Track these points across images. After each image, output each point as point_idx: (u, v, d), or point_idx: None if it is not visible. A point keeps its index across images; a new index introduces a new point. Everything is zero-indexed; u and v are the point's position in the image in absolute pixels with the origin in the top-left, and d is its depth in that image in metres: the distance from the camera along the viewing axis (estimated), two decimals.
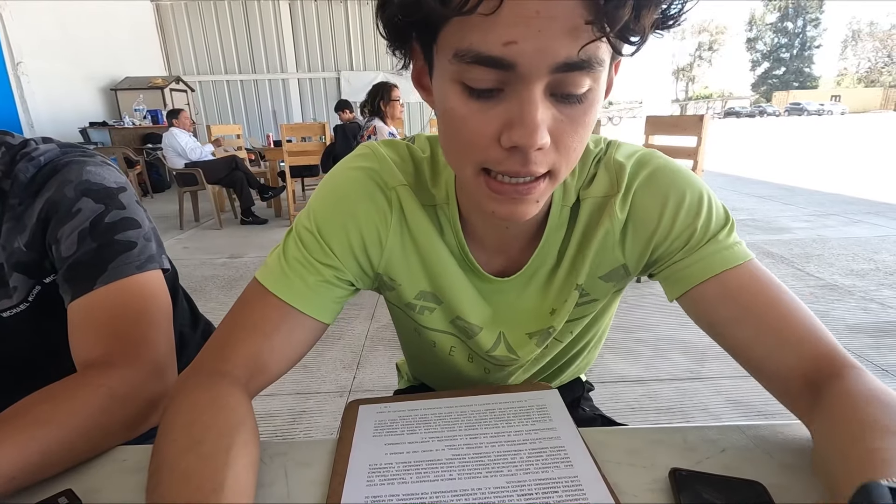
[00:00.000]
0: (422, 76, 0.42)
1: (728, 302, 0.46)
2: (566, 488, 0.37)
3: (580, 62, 0.33)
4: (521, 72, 0.33)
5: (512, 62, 0.32)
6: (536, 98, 0.34)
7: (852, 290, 2.54)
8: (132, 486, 0.41)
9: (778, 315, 0.44)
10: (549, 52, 0.32)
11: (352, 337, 2.22)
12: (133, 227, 0.58)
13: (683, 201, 0.47)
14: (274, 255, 0.50)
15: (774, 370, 0.44)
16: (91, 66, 6.95)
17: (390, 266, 0.52)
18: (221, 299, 2.75)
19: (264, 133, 8.35)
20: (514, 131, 0.35)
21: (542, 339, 0.56)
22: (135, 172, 6.25)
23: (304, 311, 0.47)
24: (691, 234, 0.47)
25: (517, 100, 0.34)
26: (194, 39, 8.83)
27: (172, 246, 4.03)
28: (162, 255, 0.61)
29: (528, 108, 0.34)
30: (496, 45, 0.32)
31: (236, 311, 0.48)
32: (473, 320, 0.55)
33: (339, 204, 0.49)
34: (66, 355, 0.53)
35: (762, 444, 0.43)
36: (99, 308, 0.53)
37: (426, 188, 0.51)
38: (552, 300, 0.54)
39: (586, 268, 0.51)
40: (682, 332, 2.15)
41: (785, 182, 6.27)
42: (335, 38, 9.07)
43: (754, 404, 1.62)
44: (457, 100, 0.36)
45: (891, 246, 3.29)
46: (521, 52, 0.32)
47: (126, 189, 0.60)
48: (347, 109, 5.20)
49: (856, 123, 23.89)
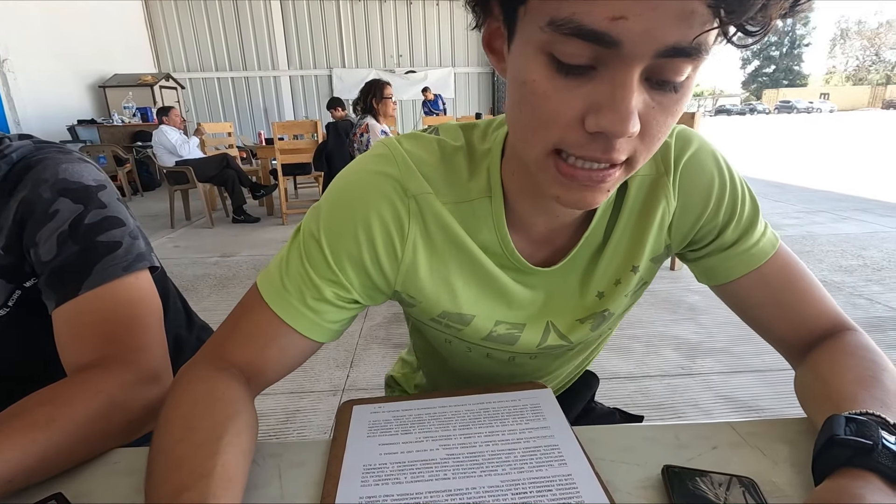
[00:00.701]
0: (495, 38, 0.38)
1: (763, 288, 0.50)
2: (560, 487, 0.38)
3: (689, 49, 0.29)
4: (624, 52, 0.29)
5: (616, 40, 0.29)
6: (633, 82, 0.31)
7: (841, 286, 2.57)
8: (124, 488, 0.41)
9: (800, 296, 0.50)
10: (659, 34, 0.28)
11: (345, 336, 2.21)
12: (116, 225, 0.55)
13: (726, 185, 0.48)
14: (277, 260, 0.47)
15: (789, 339, 0.51)
16: (79, 63, 6.87)
17: (409, 283, 0.48)
18: (214, 298, 2.73)
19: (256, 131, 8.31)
20: (603, 116, 0.31)
21: (596, 323, 0.54)
22: (124, 171, 6.19)
23: (299, 331, 0.45)
24: (731, 219, 0.49)
25: (611, 82, 0.31)
26: (184, 36, 8.75)
27: (163, 245, 4.00)
28: (151, 254, 0.59)
29: (622, 94, 0.31)
30: (602, 19, 0.28)
31: (237, 314, 0.47)
32: (518, 319, 0.52)
33: (350, 211, 0.45)
34: (56, 361, 0.52)
35: (753, 441, 0.44)
36: (87, 313, 0.51)
37: (460, 182, 0.47)
38: (599, 283, 0.51)
39: (646, 251, 0.50)
40: (674, 329, 2.17)
41: (775, 179, 6.33)
42: (327, 34, 9.02)
43: (744, 399, 1.64)
44: (541, 72, 0.32)
45: (878, 242, 3.34)
46: (629, 30, 0.28)
47: (106, 187, 0.57)
48: (339, 107, 5.17)
49: (844, 121, 24.15)
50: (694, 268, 0.54)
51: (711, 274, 0.52)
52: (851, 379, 0.42)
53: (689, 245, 0.52)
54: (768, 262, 0.49)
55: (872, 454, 0.32)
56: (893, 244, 3.28)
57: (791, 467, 0.40)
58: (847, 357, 0.45)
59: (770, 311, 0.50)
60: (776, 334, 0.52)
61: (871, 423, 0.34)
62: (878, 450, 0.32)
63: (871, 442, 0.33)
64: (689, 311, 2.31)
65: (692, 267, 0.54)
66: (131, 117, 7.02)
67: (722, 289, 0.52)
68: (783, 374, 1.69)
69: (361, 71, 9.13)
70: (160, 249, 3.84)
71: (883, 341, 1.98)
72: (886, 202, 4.62)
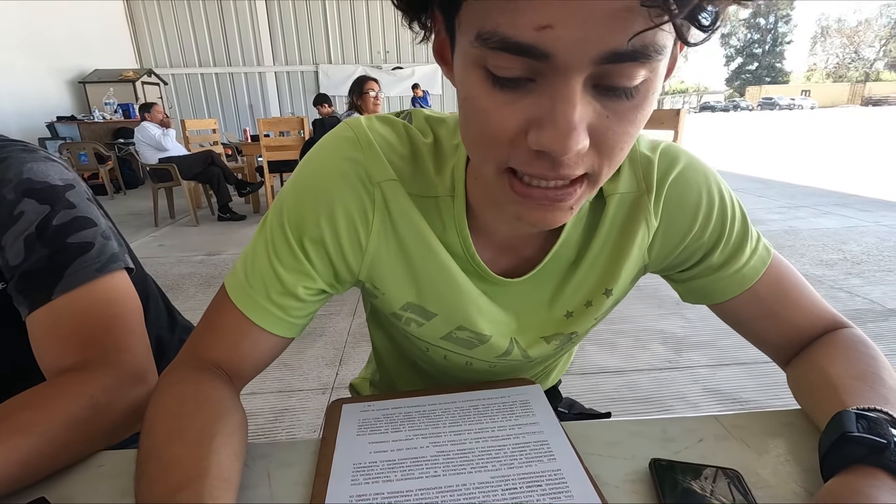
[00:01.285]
0: (443, 49, 0.36)
1: (756, 304, 0.49)
2: (549, 482, 0.38)
3: (632, 52, 0.26)
4: (558, 63, 0.27)
5: (546, 52, 0.26)
6: (575, 94, 0.28)
7: (822, 280, 2.63)
8: (108, 491, 0.40)
9: (794, 305, 0.49)
10: (593, 41, 0.26)
11: (334, 333, 2.20)
12: (87, 226, 0.53)
13: (714, 204, 0.46)
14: (242, 258, 0.46)
15: (784, 347, 0.51)
16: (57, 58, 6.71)
17: (374, 272, 0.47)
18: (200, 297, 2.70)
19: (241, 127, 8.21)
20: (543, 133, 0.29)
21: (560, 343, 0.52)
22: (106, 168, 6.07)
23: (266, 329, 0.45)
24: (719, 240, 0.47)
25: (550, 95, 0.28)
26: (166, 31, 8.60)
27: (147, 244, 3.93)
28: (125, 255, 0.57)
29: (563, 108, 0.28)
30: (527, 30, 0.26)
31: (209, 313, 0.47)
32: (480, 329, 0.49)
33: (314, 200, 0.43)
34: (36, 367, 0.51)
35: (738, 433, 0.44)
36: (63, 317, 0.50)
37: (426, 176, 0.45)
38: (569, 303, 0.49)
39: (622, 274, 0.47)
40: (661, 323, 2.19)
41: (758, 175, 6.43)
42: (313, 30, 8.93)
43: (729, 392, 1.67)
44: (479, 88, 0.30)
45: (858, 236, 3.41)
46: (558, 40, 0.26)
47: (74, 186, 0.55)
48: (326, 103, 5.13)
49: (825, 117, 24.60)
50: (681, 288, 0.52)
51: (702, 294, 0.50)
52: (855, 374, 0.41)
53: (673, 267, 0.50)
54: (760, 280, 0.48)
55: (886, 452, 0.32)
56: (872, 238, 3.35)
57: (775, 458, 0.41)
58: (847, 351, 0.45)
59: (765, 324, 0.50)
60: (771, 344, 0.52)
61: (883, 420, 0.34)
62: (891, 448, 0.32)
63: (886, 440, 0.33)
64: (675, 305, 2.34)
65: (678, 287, 0.53)
66: (113, 114, 6.88)
67: (715, 307, 0.51)
68: (767, 366, 1.72)
69: (348, 67, 9.06)
70: (144, 248, 3.78)
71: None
72: (865, 197, 4.72)
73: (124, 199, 6.18)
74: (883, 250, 3.08)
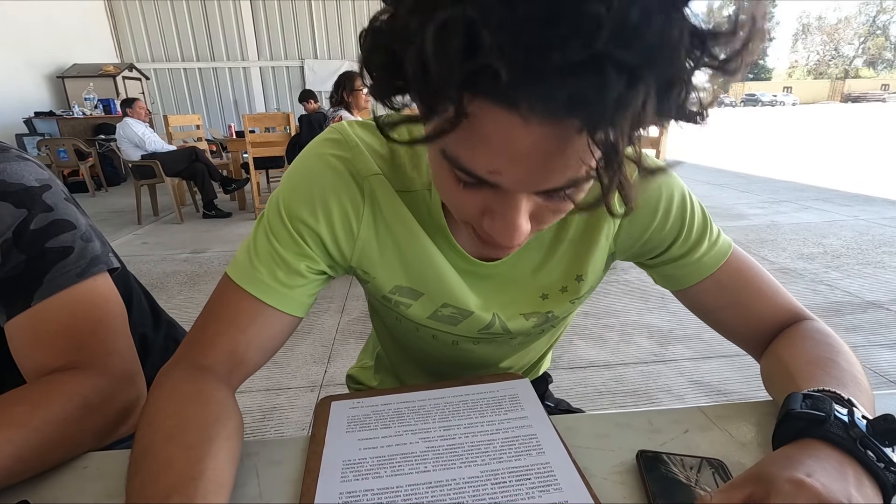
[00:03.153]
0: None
1: (719, 292, 0.53)
2: (538, 475, 0.38)
3: (567, 184, 0.32)
4: (505, 190, 0.33)
5: (496, 184, 0.32)
6: (520, 207, 0.33)
7: (803, 273, 2.68)
8: (93, 493, 0.40)
9: (756, 296, 0.53)
10: (533, 183, 0.31)
11: (322, 331, 2.19)
12: (66, 229, 0.51)
13: (673, 200, 0.50)
14: (244, 248, 0.48)
15: (750, 337, 0.54)
16: (34, 52, 6.53)
17: (364, 259, 0.51)
18: (185, 296, 2.66)
19: (225, 123, 8.07)
20: (494, 224, 0.35)
21: (539, 321, 0.56)
22: (87, 165, 5.95)
23: (276, 307, 0.46)
24: (679, 234, 0.51)
25: (501, 200, 0.34)
26: (147, 24, 8.42)
27: (130, 242, 3.87)
28: (108, 254, 0.55)
29: (511, 213, 0.34)
30: (482, 170, 0.31)
31: (211, 306, 0.47)
32: (463, 304, 0.53)
33: (309, 193, 0.47)
34: (15, 374, 0.49)
35: (721, 424, 0.45)
36: (46, 322, 0.48)
37: (404, 173, 0.49)
38: (543, 286, 0.54)
39: (591, 261, 0.52)
40: (647, 317, 2.22)
41: (741, 170, 6.53)
42: (298, 24, 8.82)
43: (713, 384, 1.70)
44: (445, 177, 0.35)
45: (837, 230, 3.49)
46: (506, 180, 0.31)
47: (51, 186, 0.53)
48: (312, 99, 5.06)
49: (806, 114, 25.03)
50: (651, 273, 0.57)
51: (669, 280, 0.55)
52: (809, 360, 0.44)
53: (639, 255, 0.55)
54: (721, 269, 0.52)
55: (825, 425, 0.34)
56: (851, 232, 3.43)
57: (757, 447, 0.42)
58: (804, 341, 0.48)
59: (729, 314, 0.53)
60: (738, 334, 0.55)
61: (826, 398, 0.37)
62: (830, 420, 0.34)
63: (824, 414, 0.35)
64: (661, 300, 2.37)
65: (650, 272, 0.57)
66: (93, 109, 6.72)
67: (681, 294, 0.55)
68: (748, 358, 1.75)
69: (334, 62, 8.96)
70: (127, 246, 3.72)
71: (842, 325, 2.08)
72: (845, 192, 4.82)
73: (106, 197, 6.06)
74: (861, 244, 3.16)
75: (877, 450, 0.33)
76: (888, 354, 1.85)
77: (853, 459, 0.32)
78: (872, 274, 2.63)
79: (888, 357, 1.83)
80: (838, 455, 0.33)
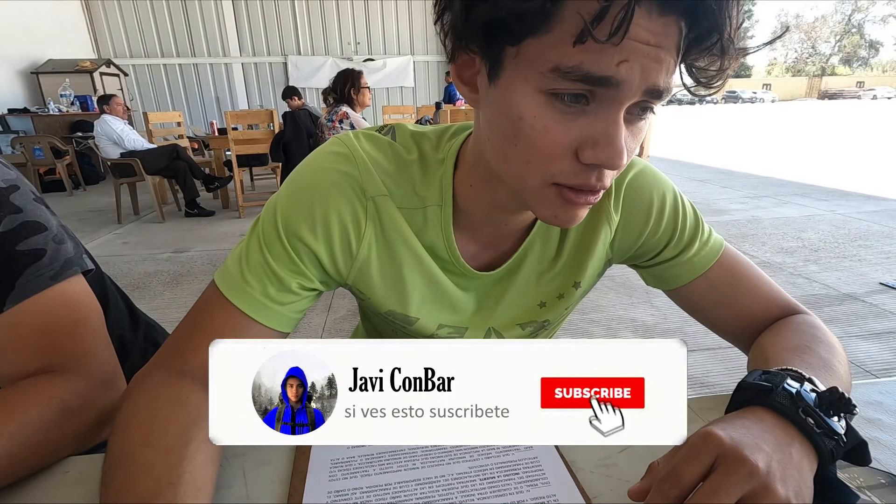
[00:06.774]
0: (467, 72, 0.40)
1: (711, 291, 0.53)
2: (526, 469, 0.39)
3: (664, 89, 0.34)
4: (620, 91, 0.33)
5: (618, 80, 0.32)
6: (621, 119, 0.35)
7: (783, 267, 2.74)
8: (75, 498, 0.39)
9: (748, 293, 0.53)
10: (651, 75, 0.33)
11: (308, 329, 2.17)
12: (37, 231, 0.50)
13: (666, 203, 0.51)
14: (235, 255, 0.47)
15: (743, 334, 0.54)
16: (6, 47, 6.34)
17: (360, 279, 0.50)
18: (168, 296, 2.62)
19: (207, 120, 7.95)
20: (600, 150, 0.35)
21: (534, 329, 0.57)
22: (64, 163, 5.80)
23: (264, 324, 0.45)
24: (673, 235, 0.52)
25: (605, 119, 0.34)
26: (125, 19, 8.23)
27: (110, 241, 3.79)
28: (82, 256, 0.54)
29: (615, 130, 0.34)
30: (609, 66, 0.32)
31: (195, 313, 0.46)
32: (461, 324, 0.54)
33: (310, 208, 0.45)
34: None
35: (705, 415, 0.46)
36: (21, 325, 0.47)
37: (413, 192, 0.48)
38: (542, 294, 0.54)
39: (587, 267, 0.53)
40: (632, 312, 2.25)
41: (722, 166, 6.64)
42: (280, 19, 8.71)
43: (697, 377, 1.73)
44: (538, 109, 0.35)
45: (815, 225, 3.57)
46: (630, 71, 0.32)
47: (19, 187, 0.51)
48: (296, 96, 5.02)
49: (785, 110, 25.54)
50: (643, 274, 0.57)
51: (661, 280, 0.55)
52: (787, 347, 0.45)
53: (634, 258, 0.55)
54: (713, 268, 0.52)
55: (771, 394, 0.35)
56: (828, 226, 3.52)
57: None
58: (788, 332, 0.48)
59: (722, 312, 0.54)
60: (730, 331, 0.55)
61: (780, 373, 0.37)
62: (776, 391, 0.35)
63: (771, 385, 0.35)
64: (645, 294, 2.40)
65: (642, 273, 0.57)
66: (69, 106, 6.56)
67: (673, 294, 0.56)
68: (730, 351, 1.78)
69: (318, 58, 8.88)
70: (106, 246, 3.64)
71: (820, 317, 2.09)
72: (822, 187, 4.94)
73: (84, 196, 5.92)
74: (838, 238, 3.24)
75: (818, 417, 0.33)
76: (864, 345, 1.90)
77: (791, 425, 0.33)
78: (849, 267, 2.70)
79: (864, 348, 1.89)
80: (775, 420, 0.33)
